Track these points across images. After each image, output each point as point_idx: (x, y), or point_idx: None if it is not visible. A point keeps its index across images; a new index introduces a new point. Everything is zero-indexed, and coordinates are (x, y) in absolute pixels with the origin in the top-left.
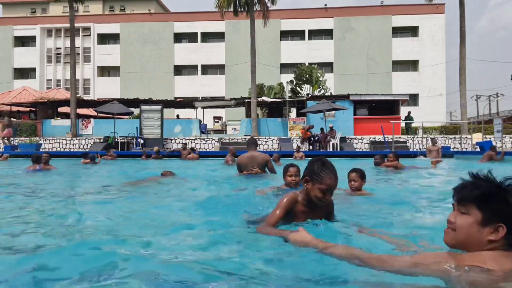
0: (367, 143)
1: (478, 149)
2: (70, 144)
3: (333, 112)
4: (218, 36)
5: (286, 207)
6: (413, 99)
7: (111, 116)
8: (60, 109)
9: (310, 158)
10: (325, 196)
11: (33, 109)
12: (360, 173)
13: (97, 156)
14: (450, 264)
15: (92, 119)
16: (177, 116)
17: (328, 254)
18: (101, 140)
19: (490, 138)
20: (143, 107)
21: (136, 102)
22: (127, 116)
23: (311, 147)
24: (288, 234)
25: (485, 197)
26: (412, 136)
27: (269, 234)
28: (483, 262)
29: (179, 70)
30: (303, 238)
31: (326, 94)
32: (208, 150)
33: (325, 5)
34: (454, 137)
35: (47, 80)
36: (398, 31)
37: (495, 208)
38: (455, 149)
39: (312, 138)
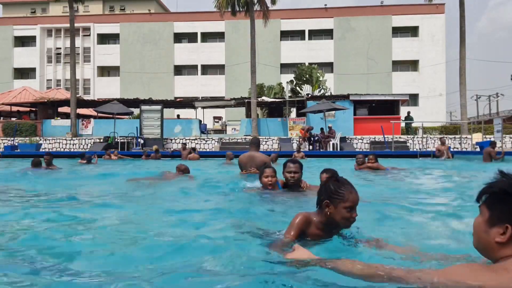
0: (367, 143)
1: (478, 149)
2: (70, 144)
3: (333, 112)
4: (218, 36)
5: (299, 228)
6: (413, 99)
7: (111, 116)
8: (60, 109)
9: (309, 158)
10: (352, 215)
11: (33, 109)
12: (331, 174)
13: (94, 157)
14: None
15: (92, 119)
16: (178, 116)
17: (336, 271)
18: (101, 140)
19: (490, 138)
20: (143, 107)
21: (136, 102)
22: (127, 116)
23: (311, 147)
24: (285, 255)
25: (495, 196)
26: (412, 136)
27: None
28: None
29: (179, 70)
30: (299, 256)
31: (326, 94)
32: (208, 150)
33: (325, 5)
34: (454, 137)
35: (47, 80)
36: (398, 31)
37: (506, 208)
38: (455, 149)
39: (312, 138)
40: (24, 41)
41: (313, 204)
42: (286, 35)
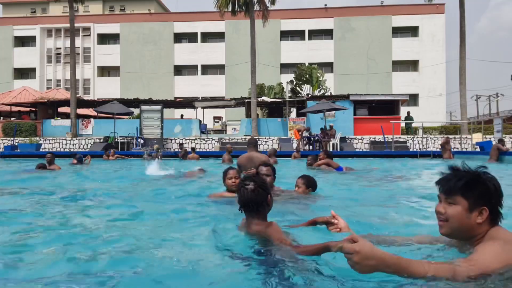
0: (367, 143)
1: (478, 149)
2: (70, 144)
3: (333, 112)
4: (218, 36)
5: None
6: (413, 99)
7: (111, 116)
8: (60, 109)
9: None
10: None
11: (33, 109)
12: (307, 180)
13: (87, 157)
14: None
15: (92, 119)
16: (181, 116)
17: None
18: (101, 140)
19: (490, 138)
20: (143, 107)
21: (136, 102)
22: (127, 116)
23: (311, 147)
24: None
25: (468, 186)
26: (412, 136)
27: (308, 252)
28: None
29: (179, 70)
30: (370, 252)
31: (326, 94)
32: (208, 150)
33: (325, 5)
34: (454, 137)
35: (47, 80)
36: (398, 31)
37: (477, 194)
38: (455, 149)
39: (312, 138)
40: (24, 41)
41: (285, 210)
42: (286, 35)
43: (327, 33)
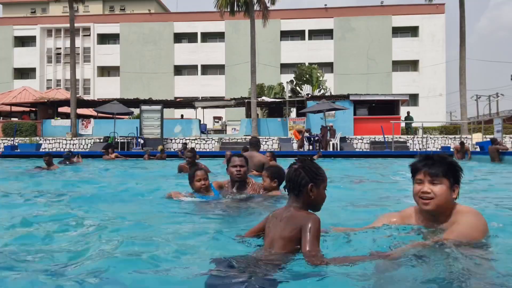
0: (367, 143)
1: (478, 149)
2: (70, 144)
3: (333, 112)
4: (218, 36)
5: None
6: (413, 99)
7: (111, 116)
8: (60, 109)
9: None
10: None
11: (33, 109)
12: (271, 172)
13: (78, 157)
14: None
15: (92, 119)
16: (182, 116)
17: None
18: (101, 140)
19: (490, 138)
20: (143, 107)
21: (136, 102)
22: (127, 116)
23: (311, 147)
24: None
25: (449, 168)
26: (412, 136)
27: (349, 261)
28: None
29: (179, 70)
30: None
31: (326, 94)
32: (208, 150)
33: (325, 5)
34: (454, 137)
35: (47, 80)
36: (398, 31)
37: (454, 175)
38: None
39: (312, 138)
40: (24, 41)
41: (262, 210)
42: (286, 35)
43: (327, 33)
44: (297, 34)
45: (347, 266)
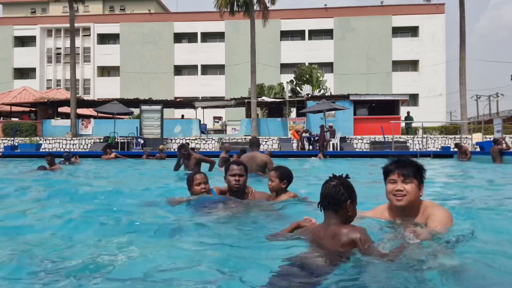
0: (367, 143)
1: (478, 149)
2: (70, 144)
3: (333, 112)
4: (218, 36)
5: None
6: (413, 99)
7: (111, 116)
8: (60, 109)
9: (309, 159)
10: None
11: (33, 109)
12: (280, 172)
13: (76, 157)
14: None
15: (92, 119)
16: (182, 116)
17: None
18: (101, 140)
19: (490, 138)
20: (143, 107)
21: (136, 102)
22: (127, 116)
23: (311, 147)
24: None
25: (418, 169)
26: (412, 136)
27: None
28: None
29: (179, 70)
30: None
31: (326, 94)
32: (208, 150)
33: (325, 5)
34: (454, 137)
35: (47, 80)
36: (398, 31)
37: (421, 175)
38: (455, 150)
39: (312, 138)
40: (24, 41)
41: (264, 218)
42: (286, 35)
43: (327, 33)
44: (297, 34)
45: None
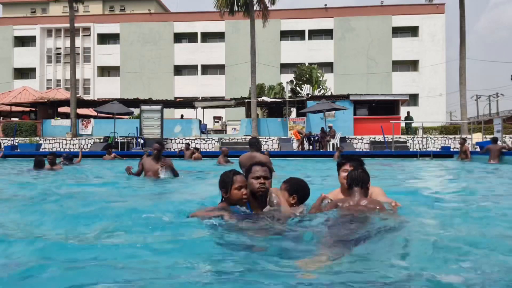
0: (367, 143)
1: (478, 149)
2: (70, 144)
3: (333, 112)
4: (218, 36)
5: None
6: (413, 99)
7: (111, 116)
8: (60, 109)
9: (309, 158)
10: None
11: (33, 109)
12: (289, 184)
13: (77, 158)
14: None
15: (92, 119)
16: (182, 116)
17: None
18: (101, 140)
19: (490, 138)
20: (143, 107)
21: (136, 102)
22: (127, 116)
23: (311, 147)
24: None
25: (361, 162)
26: (412, 136)
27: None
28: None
29: (179, 70)
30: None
31: (326, 94)
32: (208, 150)
33: (325, 5)
34: (454, 137)
35: (47, 80)
36: (398, 31)
37: (362, 165)
38: (455, 149)
39: (311, 138)
40: (24, 41)
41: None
42: (286, 35)
43: (327, 33)
44: (297, 34)
45: None
